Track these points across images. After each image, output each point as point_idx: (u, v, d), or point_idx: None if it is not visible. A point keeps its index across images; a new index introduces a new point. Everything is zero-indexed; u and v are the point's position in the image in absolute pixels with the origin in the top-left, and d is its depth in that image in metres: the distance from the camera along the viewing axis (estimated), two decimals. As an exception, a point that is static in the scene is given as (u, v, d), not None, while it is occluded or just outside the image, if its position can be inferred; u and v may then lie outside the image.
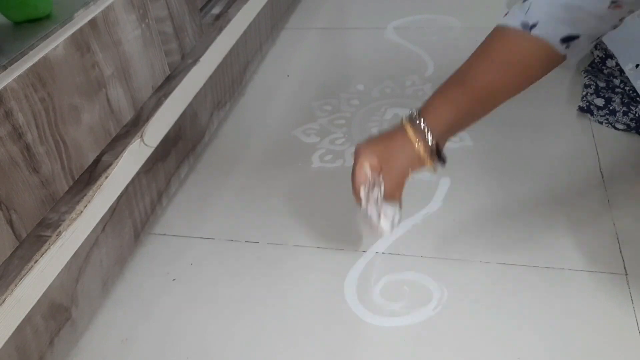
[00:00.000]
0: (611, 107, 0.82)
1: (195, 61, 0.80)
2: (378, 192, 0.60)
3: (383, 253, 0.69)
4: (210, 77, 0.85)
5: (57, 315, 0.56)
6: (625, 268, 0.64)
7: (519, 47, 0.57)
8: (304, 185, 0.81)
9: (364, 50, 1.11)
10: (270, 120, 0.95)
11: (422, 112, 0.59)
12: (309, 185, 0.81)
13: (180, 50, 0.77)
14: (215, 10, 0.92)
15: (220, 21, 0.89)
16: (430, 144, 0.58)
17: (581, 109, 0.86)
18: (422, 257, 0.68)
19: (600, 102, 0.83)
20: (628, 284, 0.63)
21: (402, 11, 1.22)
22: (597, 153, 0.80)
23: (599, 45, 0.88)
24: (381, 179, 0.60)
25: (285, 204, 0.78)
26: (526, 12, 0.56)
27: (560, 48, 0.57)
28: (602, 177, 0.76)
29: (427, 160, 0.59)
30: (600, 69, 0.85)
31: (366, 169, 0.60)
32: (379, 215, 0.60)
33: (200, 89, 0.82)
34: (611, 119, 0.82)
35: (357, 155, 0.62)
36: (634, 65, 0.82)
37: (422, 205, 0.75)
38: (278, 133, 0.91)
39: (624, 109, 0.81)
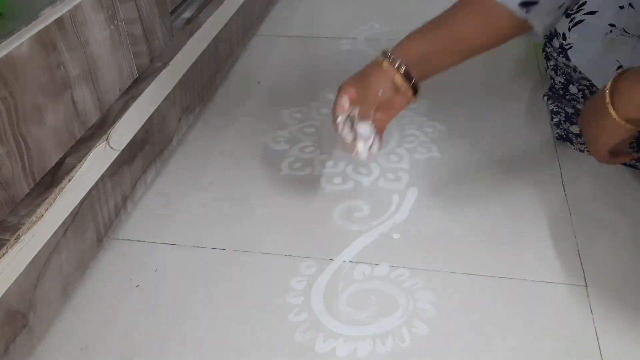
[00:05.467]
0: None
1: (165, 65, 0.79)
2: (355, 115, 0.66)
3: (350, 262, 0.69)
4: (180, 82, 0.84)
5: (13, 321, 0.54)
6: (585, 280, 0.66)
7: (484, 11, 0.64)
8: (272, 192, 0.80)
9: (335, 60, 1.12)
10: (240, 126, 0.94)
11: (395, 48, 0.66)
12: (277, 192, 0.80)
13: (150, 53, 0.76)
14: (187, 15, 0.92)
15: (191, 25, 0.89)
16: (401, 71, 0.64)
17: (560, 137, 0.85)
18: (389, 266, 0.69)
19: (576, 129, 0.83)
20: (588, 296, 0.64)
21: (373, 22, 1.24)
22: (560, 167, 0.82)
23: (559, 70, 0.89)
24: (357, 106, 0.66)
25: (253, 211, 0.77)
26: None
27: (521, 13, 0.62)
28: (564, 191, 0.78)
29: (402, 85, 0.65)
30: (563, 95, 0.86)
31: (344, 101, 0.66)
32: (354, 138, 0.67)
33: (169, 93, 0.81)
34: None
35: (338, 91, 0.68)
36: None
37: (390, 214, 0.76)
38: (247, 140, 0.91)
39: None
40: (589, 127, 0.63)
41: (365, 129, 0.66)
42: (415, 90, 0.66)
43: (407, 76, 0.64)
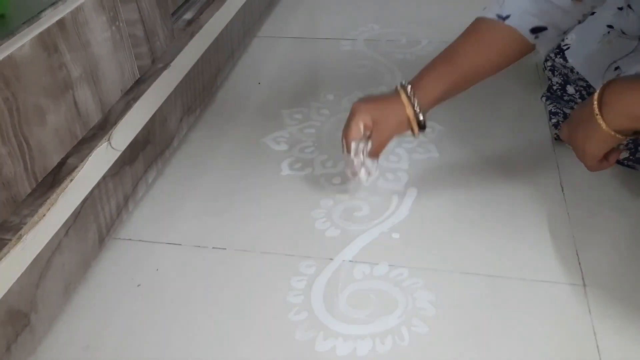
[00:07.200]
0: None
1: (166, 66, 0.79)
2: (364, 148, 0.70)
3: (350, 261, 0.70)
4: (181, 82, 0.84)
5: (15, 321, 0.55)
6: (583, 279, 0.66)
7: (496, 35, 0.67)
8: (272, 192, 0.81)
9: (335, 61, 1.12)
10: (240, 127, 0.95)
11: (414, 86, 0.69)
12: (277, 192, 0.81)
13: (151, 54, 0.77)
14: (188, 16, 0.92)
15: (192, 27, 0.89)
16: (420, 117, 0.68)
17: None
18: (389, 265, 0.69)
19: None
20: (586, 295, 0.64)
21: (373, 24, 1.24)
22: (558, 167, 0.82)
23: (557, 71, 0.89)
24: (370, 138, 0.70)
25: (254, 211, 0.78)
26: (501, 6, 0.67)
27: (530, 37, 0.66)
28: (562, 191, 0.78)
29: (414, 128, 0.70)
30: (561, 95, 0.85)
31: (360, 126, 0.69)
32: (361, 166, 0.71)
33: (170, 94, 0.81)
34: None
35: (354, 111, 0.70)
36: None
37: (389, 214, 0.76)
38: (248, 140, 0.91)
39: None
40: (576, 138, 0.64)
41: (372, 164, 0.72)
42: (422, 126, 0.70)
43: (419, 116, 0.69)
